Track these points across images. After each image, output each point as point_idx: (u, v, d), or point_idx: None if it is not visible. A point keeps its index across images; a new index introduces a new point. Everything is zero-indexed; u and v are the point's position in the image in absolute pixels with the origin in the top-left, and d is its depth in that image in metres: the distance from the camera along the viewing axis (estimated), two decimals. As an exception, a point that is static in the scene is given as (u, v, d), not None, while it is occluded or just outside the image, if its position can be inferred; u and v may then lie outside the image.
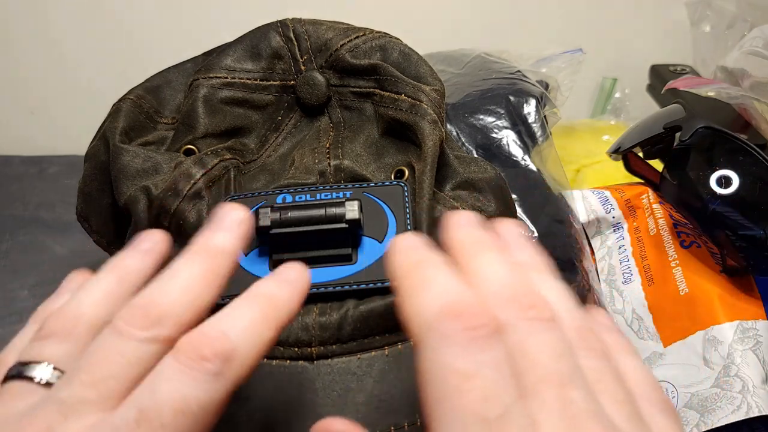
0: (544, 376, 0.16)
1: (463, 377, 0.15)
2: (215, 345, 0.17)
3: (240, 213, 0.21)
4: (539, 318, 0.17)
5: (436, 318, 0.16)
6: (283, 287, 0.20)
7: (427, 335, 0.16)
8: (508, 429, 0.15)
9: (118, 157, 0.30)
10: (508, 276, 0.18)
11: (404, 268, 0.19)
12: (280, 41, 0.33)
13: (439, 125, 0.30)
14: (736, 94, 0.42)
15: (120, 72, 0.60)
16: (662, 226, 0.40)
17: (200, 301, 0.19)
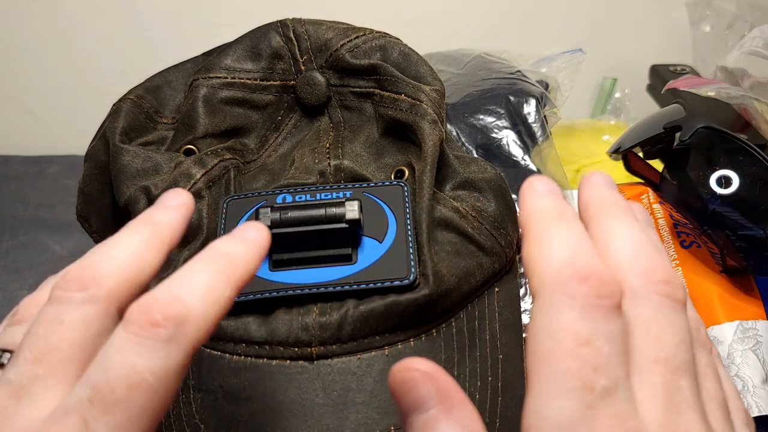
0: (662, 358, 0.15)
1: (578, 340, 0.15)
2: (167, 308, 0.16)
3: (182, 194, 0.20)
4: (671, 297, 0.16)
5: (564, 275, 0.15)
6: (241, 245, 0.18)
7: (549, 290, 0.16)
8: (609, 403, 0.14)
9: (118, 157, 0.30)
10: (643, 245, 0.17)
11: (535, 212, 0.17)
12: (280, 41, 0.33)
13: (439, 125, 0.30)
14: (736, 94, 0.42)
15: (120, 72, 0.60)
16: (662, 226, 0.40)
17: (139, 262, 0.18)
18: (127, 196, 0.29)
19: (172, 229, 0.19)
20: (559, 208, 0.17)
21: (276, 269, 0.27)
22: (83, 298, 0.16)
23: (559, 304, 0.15)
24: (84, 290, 0.17)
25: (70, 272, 0.17)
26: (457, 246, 0.29)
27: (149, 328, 0.15)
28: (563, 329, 0.15)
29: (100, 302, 0.17)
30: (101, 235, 0.33)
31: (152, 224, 0.19)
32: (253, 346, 0.26)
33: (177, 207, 0.20)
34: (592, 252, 0.16)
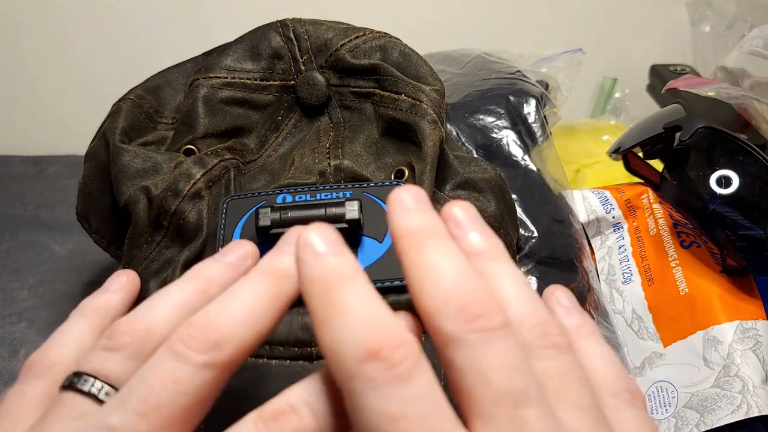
0: (497, 397, 0.15)
1: (390, 421, 0.14)
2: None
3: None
4: (489, 328, 0.15)
5: (358, 360, 0.15)
6: (290, 259, 0.18)
7: (349, 382, 0.15)
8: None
9: (118, 157, 0.30)
10: (455, 276, 0.16)
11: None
12: (280, 41, 0.33)
13: (439, 125, 0.30)
14: (736, 94, 0.42)
15: (120, 72, 0.60)
16: (662, 226, 0.40)
17: (262, 324, 0.17)
18: (127, 196, 0.29)
19: (293, 279, 0.18)
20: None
21: None
22: (204, 362, 0.16)
23: (362, 392, 0.15)
24: (205, 353, 0.16)
25: (194, 325, 0.17)
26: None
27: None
28: (373, 416, 0.14)
29: (218, 369, 0.17)
30: (101, 234, 0.33)
31: (275, 274, 0.18)
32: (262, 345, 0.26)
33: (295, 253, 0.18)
34: (384, 315, 0.15)
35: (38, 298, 0.43)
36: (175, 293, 0.19)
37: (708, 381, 0.33)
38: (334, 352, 0.15)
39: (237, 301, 0.17)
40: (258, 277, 0.18)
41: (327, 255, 0.16)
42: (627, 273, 0.39)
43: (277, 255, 0.19)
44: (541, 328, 0.16)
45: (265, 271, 0.18)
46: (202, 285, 0.19)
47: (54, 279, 0.44)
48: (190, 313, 0.18)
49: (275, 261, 0.18)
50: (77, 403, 0.17)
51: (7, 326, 0.40)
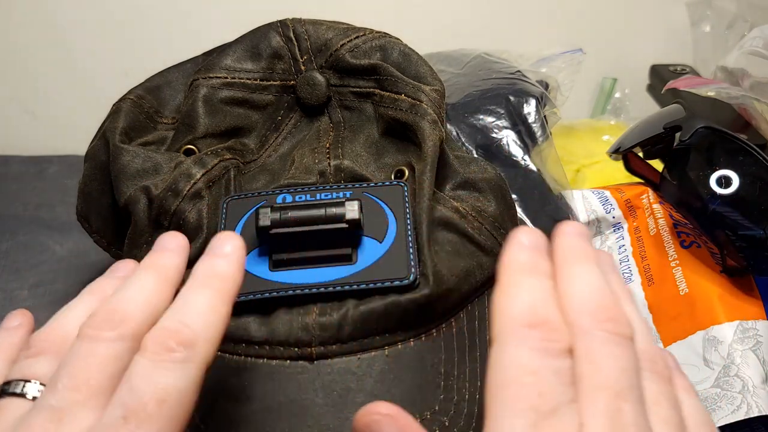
0: (602, 384, 0.17)
1: (525, 371, 0.17)
2: (177, 336, 0.19)
3: (178, 237, 0.23)
4: (616, 332, 0.18)
5: (518, 322, 0.18)
6: (223, 261, 0.21)
7: (505, 333, 0.18)
8: (552, 423, 0.16)
9: (118, 157, 0.30)
10: (597, 288, 0.19)
11: (510, 264, 0.20)
12: (280, 41, 0.33)
13: (439, 125, 0.30)
14: (736, 94, 0.42)
15: (120, 72, 0.60)
16: (662, 226, 0.40)
17: (155, 303, 0.21)
18: (127, 196, 0.29)
19: (176, 270, 0.22)
20: (532, 263, 0.20)
21: (276, 269, 0.27)
22: (113, 336, 0.19)
23: (512, 345, 0.18)
24: (114, 329, 0.19)
25: (99, 313, 0.20)
26: (457, 246, 0.29)
27: (166, 353, 0.18)
28: (513, 364, 0.18)
29: (127, 339, 0.19)
30: (101, 234, 0.33)
31: (159, 267, 0.22)
32: (253, 346, 0.26)
33: (175, 250, 0.23)
34: (550, 303, 0.19)
35: (38, 298, 0.43)
36: (79, 303, 0.23)
37: (708, 381, 0.33)
38: (505, 311, 0.19)
39: (131, 288, 0.21)
40: (144, 270, 0.22)
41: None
42: (627, 273, 0.39)
43: (156, 255, 0.22)
44: (653, 357, 0.19)
45: (151, 265, 0.22)
46: (99, 296, 0.23)
47: (54, 279, 0.44)
48: None
49: (156, 257, 0.22)
50: (14, 405, 0.19)
51: (7, 326, 0.40)
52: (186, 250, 0.23)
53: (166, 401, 0.18)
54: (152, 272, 0.21)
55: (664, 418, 0.17)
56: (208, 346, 0.19)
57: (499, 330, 0.18)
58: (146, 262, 0.22)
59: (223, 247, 0.22)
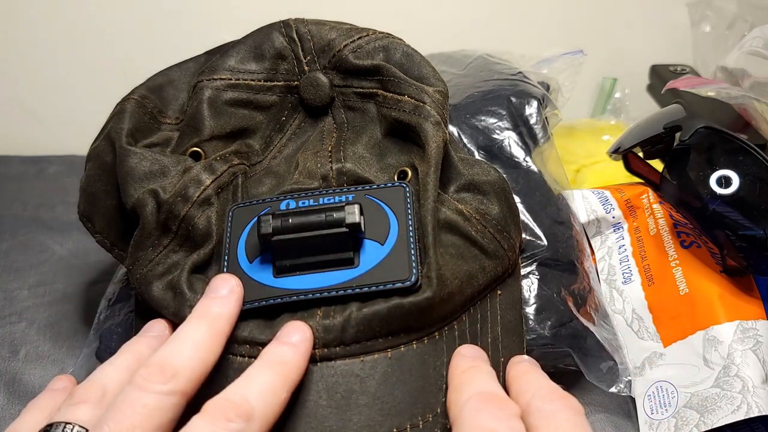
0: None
1: (485, 430, 0.20)
2: (238, 408, 0.20)
3: (231, 282, 0.25)
4: (566, 405, 0.22)
5: (472, 401, 0.21)
6: (290, 351, 0.23)
7: (462, 412, 0.21)
8: None
9: (125, 159, 0.30)
10: (547, 383, 0.24)
11: (455, 370, 0.24)
12: (283, 42, 0.33)
13: (442, 126, 0.30)
14: (736, 94, 0.42)
15: (120, 72, 0.60)
16: (662, 226, 0.40)
17: (206, 357, 0.22)
18: (135, 198, 0.29)
19: (228, 320, 0.24)
20: (475, 365, 0.24)
21: (279, 276, 0.27)
22: (164, 390, 0.20)
23: (471, 415, 0.21)
24: (165, 383, 0.21)
25: (152, 365, 0.21)
26: (461, 249, 0.29)
27: (225, 421, 0.20)
28: (474, 426, 0.21)
29: (177, 394, 0.21)
30: (104, 235, 0.32)
31: (211, 318, 0.24)
32: (257, 347, 0.26)
33: (228, 297, 0.24)
34: (496, 385, 0.23)
35: (38, 298, 0.43)
36: (118, 360, 0.24)
37: (708, 381, 0.33)
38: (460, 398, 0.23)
39: (184, 341, 0.23)
40: (197, 321, 0.24)
41: None
42: (627, 273, 0.39)
43: (208, 302, 0.24)
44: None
45: (202, 315, 0.24)
46: (136, 355, 0.24)
47: (54, 279, 0.44)
48: (133, 374, 0.22)
49: (207, 307, 0.24)
50: None
51: (7, 326, 0.40)
52: (239, 293, 0.25)
53: (138, 427, 0.19)
54: (204, 323, 0.23)
55: None
56: (264, 423, 0.21)
57: (454, 414, 0.22)
58: (198, 309, 0.24)
59: (291, 336, 0.24)
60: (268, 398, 0.21)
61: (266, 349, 0.23)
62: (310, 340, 0.24)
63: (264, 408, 0.21)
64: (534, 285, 0.34)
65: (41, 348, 0.39)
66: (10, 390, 0.36)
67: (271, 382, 0.22)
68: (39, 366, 0.38)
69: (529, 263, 0.34)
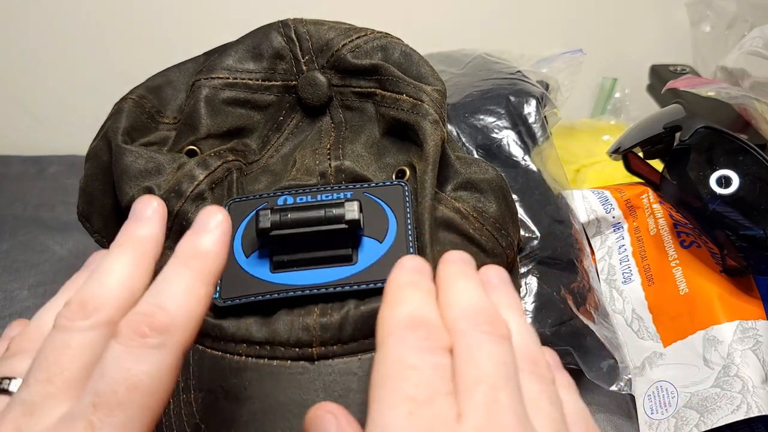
0: (479, 377, 0.18)
1: (405, 366, 0.18)
2: (152, 321, 0.18)
3: (153, 202, 0.22)
4: (492, 333, 0.19)
5: (399, 326, 0.19)
6: (207, 237, 0.20)
7: (386, 336, 0.19)
8: (432, 412, 0.17)
9: (121, 157, 0.30)
10: (475, 297, 0.20)
11: (391, 283, 0.21)
12: (281, 41, 0.33)
13: (440, 125, 0.30)
14: (736, 94, 0.42)
15: (120, 72, 0.60)
16: (662, 226, 0.40)
17: (134, 284, 0.20)
18: (130, 196, 0.29)
19: (154, 241, 0.21)
20: (413, 281, 0.21)
21: (277, 271, 0.27)
22: (88, 325, 0.19)
23: (393, 345, 0.19)
24: (87, 318, 0.19)
25: (72, 303, 0.19)
26: (458, 247, 0.29)
27: (139, 339, 0.18)
28: (393, 360, 0.18)
29: (102, 327, 0.19)
30: (103, 234, 0.33)
31: (135, 242, 0.21)
32: (254, 346, 0.26)
33: (152, 218, 0.22)
34: (429, 309, 0.20)
35: (38, 298, 0.43)
36: (56, 301, 0.22)
37: (708, 381, 0.33)
38: (387, 319, 0.20)
39: (106, 272, 0.20)
40: (119, 248, 0.21)
41: None
42: (627, 273, 0.39)
43: (133, 226, 0.21)
44: (534, 360, 0.20)
45: (124, 241, 0.21)
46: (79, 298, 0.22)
47: (54, 279, 0.45)
48: None
49: (131, 228, 0.21)
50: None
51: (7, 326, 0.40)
52: (163, 215, 0.22)
53: (138, 388, 0.17)
54: (127, 249, 0.20)
55: (544, 413, 0.18)
56: (185, 330, 0.19)
57: (381, 336, 0.19)
58: (120, 237, 0.21)
59: (207, 222, 0.21)
60: (186, 301, 0.19)
61: (179, 244, 0.20)
62: (226, 222, 0.21)
63: (183, 314, 0.19)
64: (534, 283, 0.34)
65: (41, 348, 0.39)
66: (10, 389, 0.36)
67: (188, 282, 0.19)
68: (38, 366, 0.38)
69: (529, 262, 0.34)
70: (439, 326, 0.19)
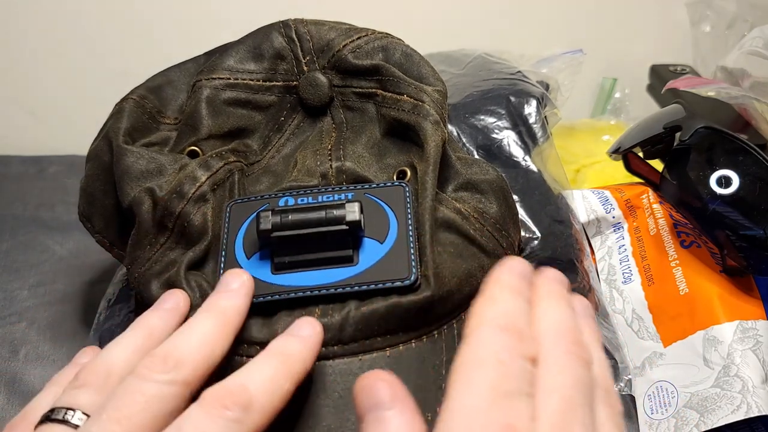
0: (558, 388, 0.18)
1: (496, 358, 0.19)
2: (235, 396, 0.20)
3: (243, 276, 0.25)
4: (577, 354, 0.20)
5: (494, 323, 0.20)
6: (297, 343, 0.23)
7: (481, 328, 0.20)
8: (511, 406, 0.17)
9: (122, 158, 0.30)
10: (566, 319, 0.21)
11: (495, 280, 0.22)
12: (282, 42, 0.33)
13: (441, 126, 0.30)
14: (736, 94, 0.42)
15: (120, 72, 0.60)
16: (662, 226, 0.40)
17: (213, 350, 0.22)
18: (131, 197, 0.29)
19: (237, 313, 0.24)
20: (517, 285, 0.21)
21: (278, 272, 0.27)
22: (166, 380, 0.20)
23: (486, 336, 0.19)
24: (166, 373, 0.20)
25: (157, 354, 0.21)
26: (459, 247, 0.29)
27: (221, 409, 0.19)
28: (486, 349, 0.19)
29: (179, 385, 0.20)
30: (104, 235, 0.33)
31: (220, 312, 0.23)
32: (255, 346, 0.26)
33: (238, 291, 0.24)
34: (523, 317, 0.21)
35: (38, 298, 0.43)
36: (127, 339, 0.23)
37: (708, 381, 0.33)
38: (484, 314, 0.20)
39: (190, 332, 0.22)
40: (205, 314, 0.23)
41: None
42: (627, 273, 0.39)
43: (218, 296, 0.24)
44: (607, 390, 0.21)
45: (211, 308, 0.24)
46: (147, 331, 0.24)
47: (54, 279, 0.45)
48: (142, 354, 0.22)
49: (218, 300, 0.24)
50: (56, 429, 0.20)
51: (7, 326, 0.40)
52: (250, 287, 0.24)
53: (135, 415, 0.19)
54: (212, 316, 0.23)
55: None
56: (264, 414, 0.20)
57: (474, 324, 0.20)
58: (208, 303, 0.24)
59: (302, 329, 0.23)
60: (269, 388, 0.21)
61: (273, 341, 0.23)
62: (319, 335, 0.24)
63: (264, 398, 0.20)
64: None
65: (41, 348, 0.39)
66: (10, 390, 0.36)
67: (274, 373, 0.21)
68: (39, 366, 0.38)
69: (529, 262, 0.34)
70: (530, 336, 0.20)
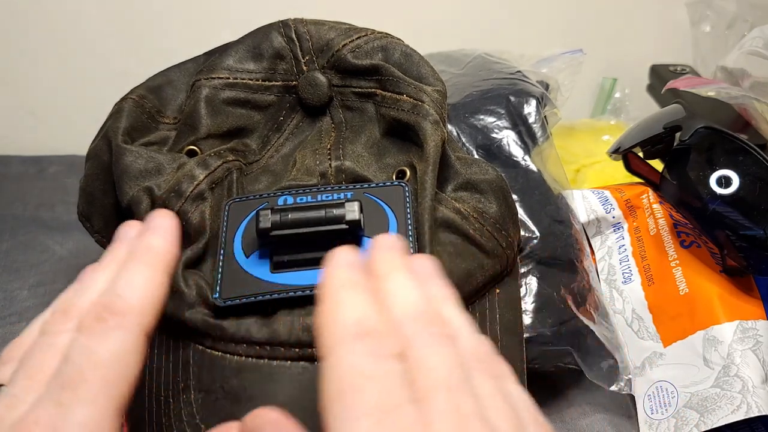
0: (436, 383, 0.18)
1: (362, 376, 0.18)
2: (110, 307, 0.20)
3: (167, 217, 0.23)
4: (440, 334, 0.19)
5: (346, 334, 0.19)
6: (160, 235, 0.22)
7: (335, 346, 0.19)
8: (399, 419, 0.17)
9: (121, 157, 0.30)
10: (414, 296, 0.20)
11: (327, 282, 0.21)
12: (282, 41, 0.33)
13: (441, 126, 0.30)
14: (736, 94, 0.42)
15: (120, 72, 0.60)
16: (662, 226, 0.40)
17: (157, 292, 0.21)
18: (130, 196, 0.29)
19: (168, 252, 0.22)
20: (350, 279, 0.20)
21: (277, 271, 0.27)
22: (71, 327, 0.20)
23: (344, 356, 0.18)
24: (71, 321, 0.20)
25: (55, 311, 0.21)
26: (459, 247, 0.29)
27: (99, 324, 0.19)
28: (349, 371, 0.18)
29: (121, 328, 0.20)
30: (103, 234, 0.33)
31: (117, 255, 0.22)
32: (254, 346, 0.26)
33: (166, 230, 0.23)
34: (373, 314, 0.19)
35: (38, 298, 0.43)
36: (44, 314, 0.23)
37: (708, 381, 0.33)
38: (332, 326, 0.19)
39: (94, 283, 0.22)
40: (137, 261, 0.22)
41: None
42: (627, 273, 0.39)
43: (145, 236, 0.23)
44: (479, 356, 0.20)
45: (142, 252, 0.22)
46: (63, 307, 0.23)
47: (54, 279, 0.45)
48: None
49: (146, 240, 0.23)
50: None
51: (7, 326, 0.40)
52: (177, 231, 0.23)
53: (101, 364, 0.18)
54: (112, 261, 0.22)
55: (503, 413, 0.18)
56: (144, 313, 0.20)
57: (329, 345, 0.19)
58: (112, 248, 0.23)
59: (158, 222, 0.23)
60: (144, 287, 0.21)
61: (135, 240, 0.22)
62: (175, 224, 0.23)
63: (140, 298, 0.20)
64: (534, 284, 0.34)
65: (41, 348, 0.39)
66: (10, 390, 0.36)
67: (144, 273, 0.21)
68: (38, 366, 0.38)
69: (529, 262, 0.34)
70: (387, 331, 0.19)
